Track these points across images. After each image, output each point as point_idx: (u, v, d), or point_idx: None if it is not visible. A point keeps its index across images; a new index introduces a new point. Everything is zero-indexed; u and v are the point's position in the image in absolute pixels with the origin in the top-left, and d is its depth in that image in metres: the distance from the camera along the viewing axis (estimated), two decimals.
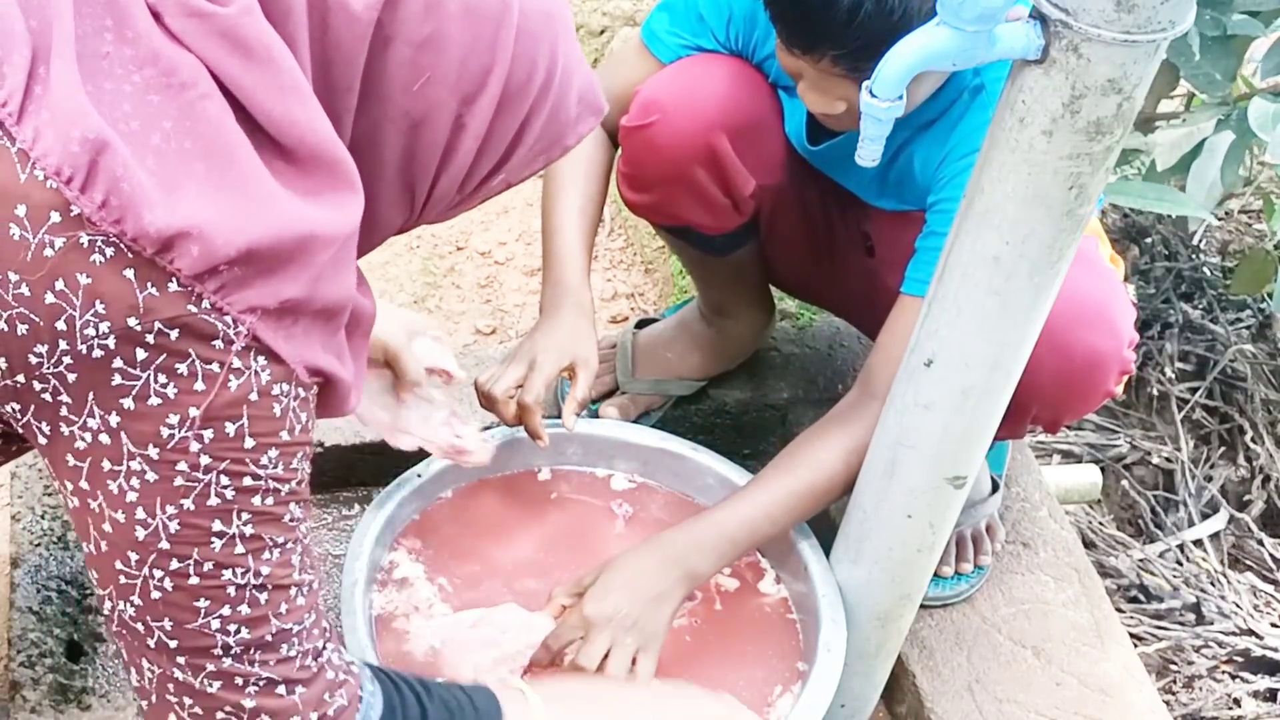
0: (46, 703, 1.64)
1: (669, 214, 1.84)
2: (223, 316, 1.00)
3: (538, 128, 1.15)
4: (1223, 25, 2.05)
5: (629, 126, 1.76)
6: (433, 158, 1.11)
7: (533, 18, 1.11)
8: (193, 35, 1.01)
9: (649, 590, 1.58)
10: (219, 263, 0.98)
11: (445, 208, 1.18)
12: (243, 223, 0.99)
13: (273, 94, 1.01)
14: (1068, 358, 1.57)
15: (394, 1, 1.05)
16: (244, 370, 1.02)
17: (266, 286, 1.00)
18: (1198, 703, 2.15)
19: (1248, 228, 2.88)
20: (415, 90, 1.07)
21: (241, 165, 1.00)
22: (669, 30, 1.79)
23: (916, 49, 1.19)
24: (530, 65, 1.11)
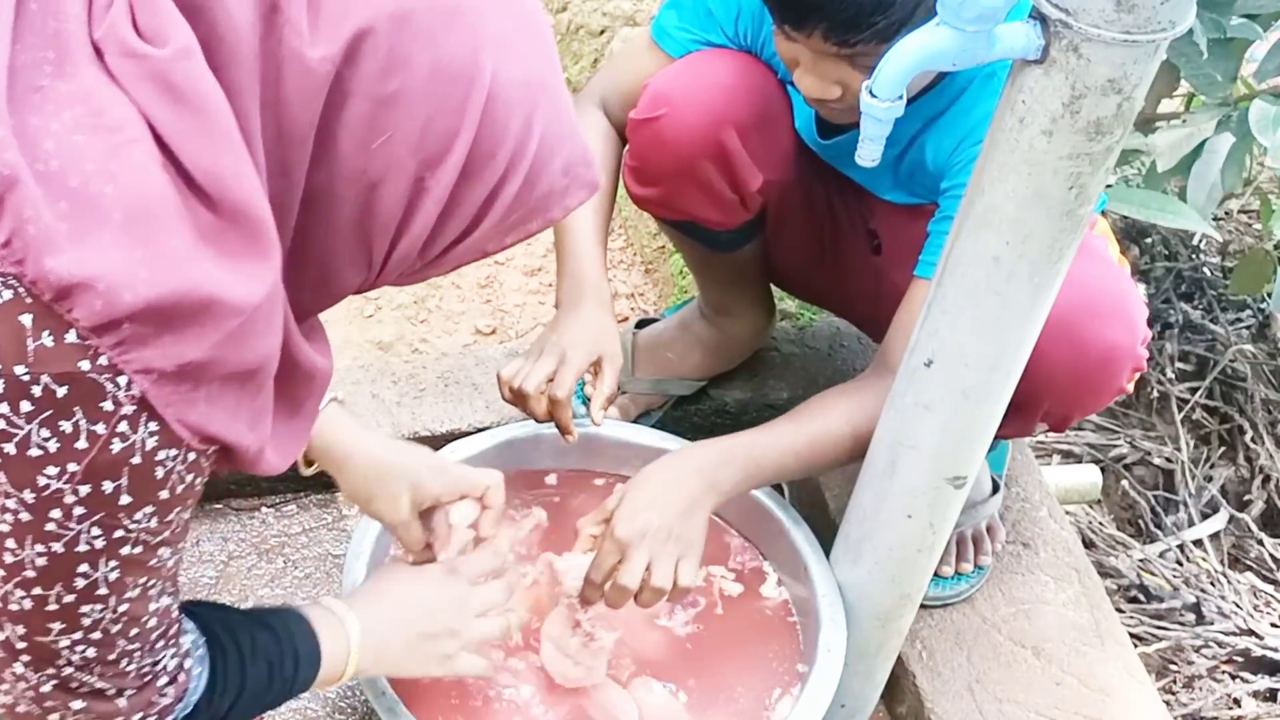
0: None
1: (675, 208, 1.84)
2: (116, 376, 0.97)
3: (508, 197, 1.10)
4: (1222, 27, 2.05)
5: (637, 119, 1.76)
6: (390, 219, 1.07)
7: (508, 85, 1.06)
8: (128, 77, 0.98)
9: (678, 502, 1.57)
10: (120, 317, 0.95)
11: (409, 272, 1.13)
12: (150, 277, 0.95)
13: (201, 143, 0.97)
14: (1083, 352, 1.57)
15: (354, 54, 1.00)
16: (129, 435, 0.99)
17: (166, 347, 0.97)
18: (1198, 703, 2.15)
19: (1247, 228, 2.88)
20: (374, 148, 1.03)
21: (159, 217, 0.96)
22: (678, 26, 1.79)
23: (916, 49, 1.19)
24: (501, 133, 1.06)
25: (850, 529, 1.64)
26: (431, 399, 2.01)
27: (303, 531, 1.93)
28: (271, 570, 1.88)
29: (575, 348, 1.69)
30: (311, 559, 1.90)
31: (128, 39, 0.98)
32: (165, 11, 0.98)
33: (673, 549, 1.55)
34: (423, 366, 2.07)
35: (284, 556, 1.90)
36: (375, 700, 1.50)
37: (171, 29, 0.98)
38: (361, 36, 1.00)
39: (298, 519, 1.94)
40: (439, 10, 1.03)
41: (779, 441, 1.64)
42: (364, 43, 1.01)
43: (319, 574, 1.87)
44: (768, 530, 1.76)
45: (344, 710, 1.74)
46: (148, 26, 0.98)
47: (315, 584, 1.87)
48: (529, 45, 1.09)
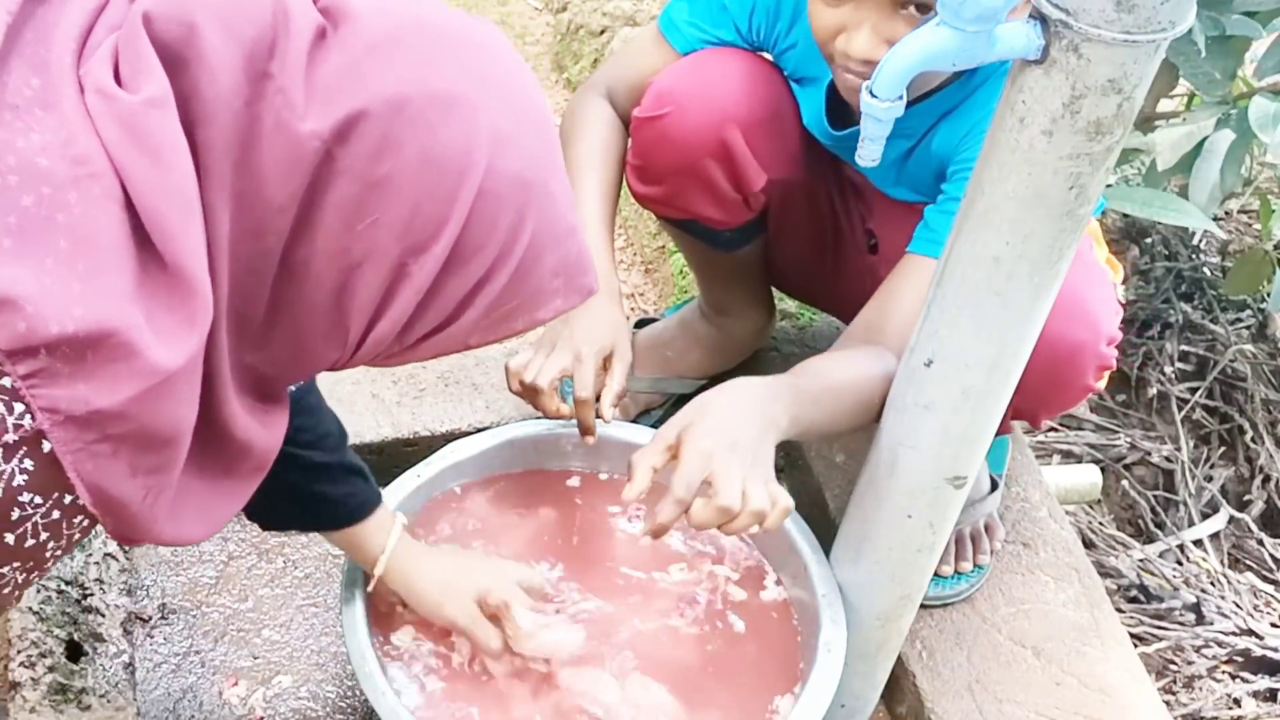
0: (46, 703, 1.64)
1: (678, 207, 1.84)
2: (12, 401, 0.93)
3: (492, 294, 1.09)
4: (1222, 25, 2.05)
5: (642, 117, 1.76)
6: (369, 302, 1.06)
7: (501, 181, 1.05)
8: (99, 115, 0.97)
9: (750, 427, 1.46)
10: (38, 344, 0.91)
11: (385, 355, 1.12)
12: (82, 313, 0.92)
13: (152, 191, 0.96)
14: (1049, 350, 1.56)
15: (346, 134, 1.00)
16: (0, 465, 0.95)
17: (80, 385, 0.93)
18: (1198, 703, 2.15)
19: (1247, 228, 2.88)
20: (359, 229, 1.02)
21: (105, 255, 0.94)
22: (688, 21, 1.79)
23: (917, 49, 1.19)
24: (489, 227, 1.06)
25: (850, 529, 1.64)
26: (431, 399, 2.01)
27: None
28: (271, 570, 1.88)
29: (589, 343, 1.68)
30: (311, 559, 1.90)
31: (103, 79, 0.98)
32: (146, 59, 0.98)
33: (760, 471, 1.43)
34: (423, 366, 2.06)
35: (284, 556, 1.90)
36: (375, 700, 1.50)
37: (148, 77, 0.97)
38: (356, 118, 1.00)
39: None
40: (437, 100, 1.03)
41: (814, 384, 1.57)
42: (358, 125, 1.00)
43: (319, 574, 1.87)
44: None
45: (344, 710, 1.74)
46: (127, 72, 0.98)
47: (315, 584, 1.87)
48: (528, 142, 1.08)
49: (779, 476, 2.01)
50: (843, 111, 1.74)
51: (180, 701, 1.73)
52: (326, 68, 1.01)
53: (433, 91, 1.03)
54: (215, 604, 1.83)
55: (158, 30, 0.99)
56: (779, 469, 2.04)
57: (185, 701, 1.73)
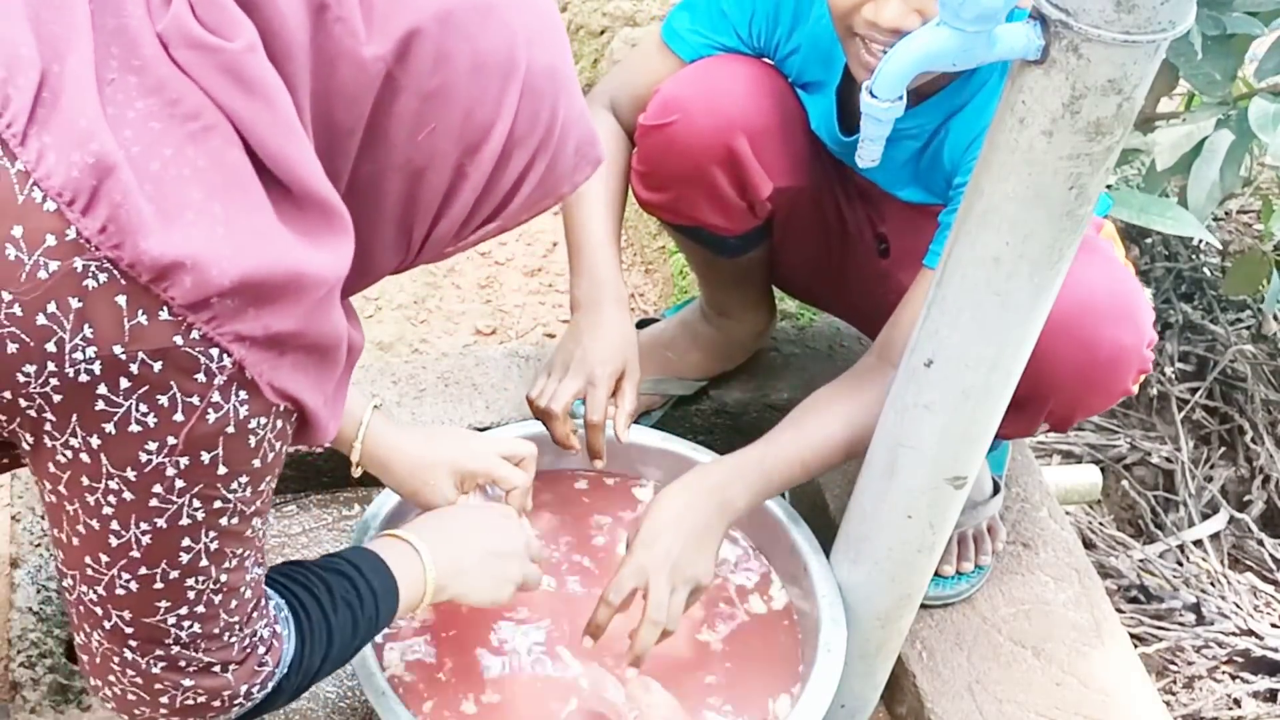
0: (46, 703, 1.64)
1: (683, 214, 1.84)
2: (209, 348, 1.01)
3: (535, 178, 1.17)
4: (1222, 25, 2.05)
5: (647, 125, 1.75)
6: (432, 205, 1.13)
7: (538, 75, 1.13)
8: (197, 67, 1.02)
9: (694, 526, 1.59)
10: (211, 294, 0.99)
11: (438, 251, 1.20)
12: (236, 256, 1.00)
13: (271, 131, 1.02)
14: (1090, 353, 1.57)
15: (405, 53, 1.06)
16: (223, 404, 1.04)
17: (257, 319, 1.02)
18: (1198, 703, 2.15)
19: (1247, 228, 2.88)
20: (420, 140, 1.09)
21: (238, 198, 1.01)
22: (690, 28, 1.79)
23: (917, 49, 1.19)
24: (532, 120, 1.14)
25: (850, 529, 1.64)
26: (431, 399, 2.01)
27: (303, 532, 1.93)
28: None
29: (603, 365, 1.71)
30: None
31: (195, 32, 1.03)
32: (228, 7, 1.03)
33: (686, 582, 1.58)
34: (423, 367, 2.07)
35: (284, 557, 1.90)
36: (375, 700, 1.50)
37: (237, 25, 1.02)
38: (412, 36, 1.06)
39: (298, 519, 1.94)
40: (476, 8, 1.09)
41: (784, 452, 1.65)
42: (414, 42, 1.06)
43: None
44: (768, 530, 1.76)
45: (344, 711, 1.74)
46: (211, 21, 1.03)
47: None
48: (550, 36, 1.16)
49: None
50: (853, 116, 1.74)
51: None
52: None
53: (471, 1, 1.09)
54: None
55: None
56: None
57: None
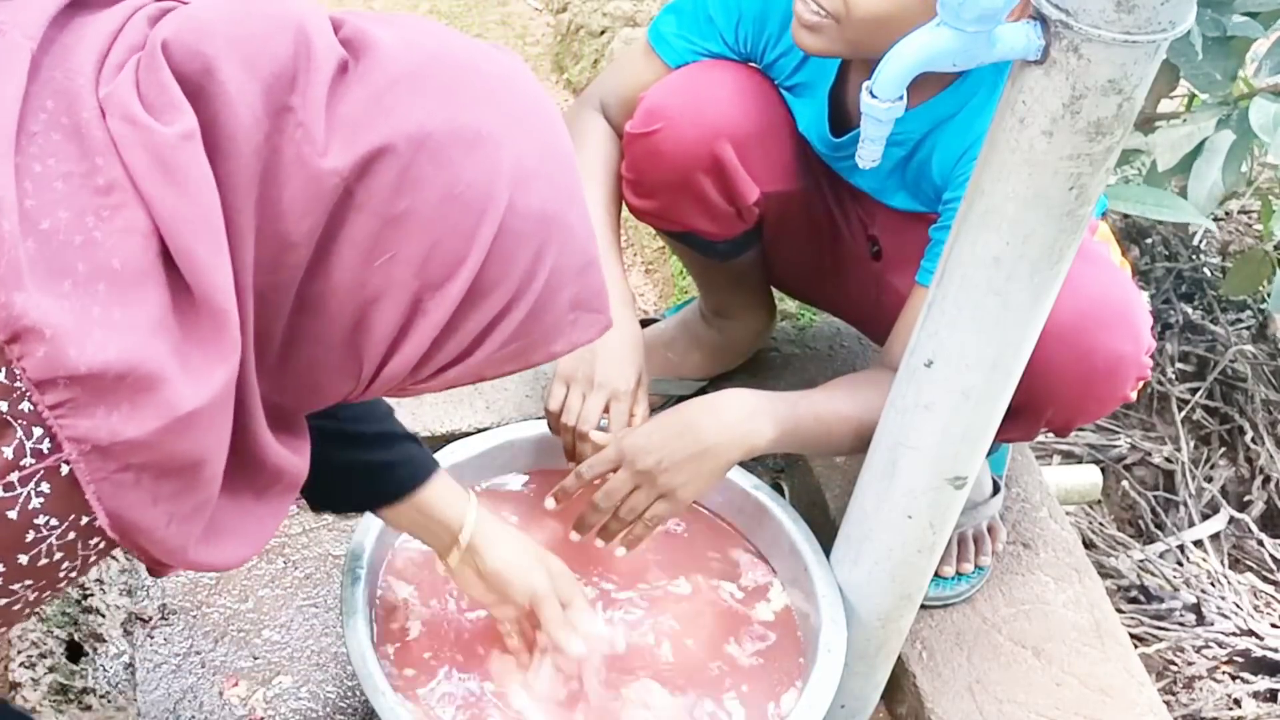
0: (46, 703, 1.64)
1: (672, 220, 1.84)
2: (33, 427, 0.92)
3: (509, 329, 1.08)
4: (1223, 26, 2.05)
5: (633, 133, 1.76)
6: (385, 337, 1.05)
7: (522, 218, 1.04)
8: (126, 143, 0.96)
9: (697, 442, 1.59)
10: (62, 375, 0.91)
11: (397, 388, 1.11)
12: (102, 344, 0.91)
13: (182, 224, 0.95)
14: (1089, 360, 1.58)
15: (368, 169, 0.99)
16: (15, 487, 0.94)
17: (105, 418, 0.92)
18: (1198, 703, 2.14)
19: (1248, 228, 2.88)
20: (376, 265, 1.01)
21: (125, 284, 0.93)
22: (676, 33, 1.79)
23: (917, 49, 1.19)
24: (508, 265, 1.05)
25: (850, 529, 1.64)
26: (431, 399, 2.01)
27: (303, 532, 1.93)
28: (272, 570, 1.88)
29: (624, 380, 1.71)
30: (311, 559, 1.90)
31: (131, 107, 0.96)
32: (169, 90, 0.96)
33: (656, 489, 1.58)
34: None
35: (284, 557, 1.90)
36: (375, 700, 1.50)
37: (176, 109, 0.96)
38: (378, 154, 0.99)
39: (298, 519, 1.94)
40: (461, 135, 1.01)
41: (816, 407, 1.64)
42: (380, 160, 0.99)
43: (319, 574, 1.87)
44: (768, 530, 1.76)
45: (344, 710, 1.74)
46: (152, 99, 0.97)
47: (315, 584, 1.87)
48: (550, 177, 1.07)
49: (779, 478, 2.03)
50: (842, 118, 1.74)
51: (180, 702, 1.72)
52: (348, 102, 0.99)
53: (456, 127, 1.01)
54: (215, 604, 1.83)
55: (176, 60, 0.97)
56: (780, 470, 2.04)
57: (185, 702, 1.73)
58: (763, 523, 1.76)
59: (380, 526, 1.64)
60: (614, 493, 1.60)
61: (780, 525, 1.74)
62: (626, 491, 1.59)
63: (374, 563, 1.64)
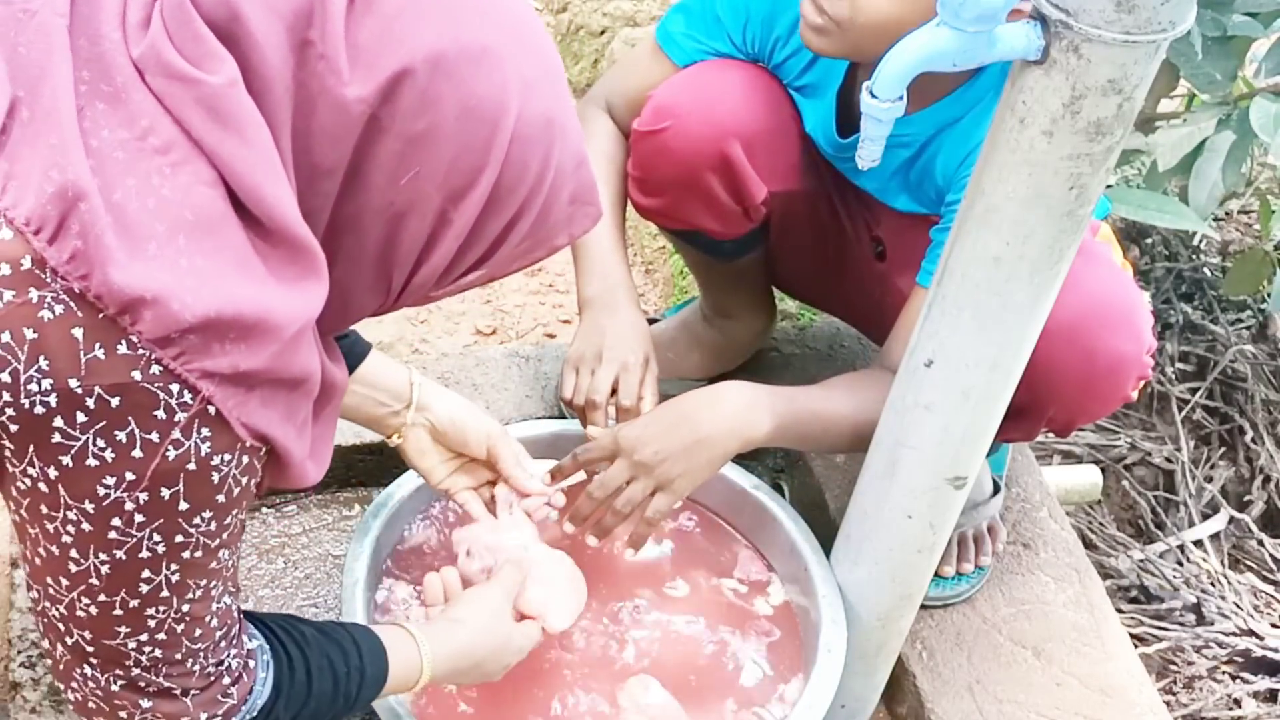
0: (46, 703, 1.64)
1: (679, 218, 1.84)
2: (170, 383, 0.99)
3: (524, 228, 1.14)
4: (1223, 26, 2.05)
5: (641, 130, 1.75)
6: (413, 250, 1.10)
7: (531, 123, 1.09)
8: (174, 99, 1.00)
9: (695, 433, 1.59)
10: (175, 330, 0.97)
11: (422, 296, 1.17)
12: (200, 292, 0.98)
13: (248, 168, 1.00)
14: (1090, 360, 1.58)
15: (390, 95, 1.03)
16: (184, 442, 1.02)
17: (223, 356, 1.00)
18: (1198, 703, 2.14)
19: (1248, 229, 2.88)
20: (402, 184, 1.06)
21: (205, 235, 0.99)
22: (685, 33, 1.79)
23: (917, 49, 1.19)
24: (522, 169, 1.10)
25: (850, 529, 1.64)
26: None
27: (303, 532, 1.93)
28: (271, 570, 1.88)
29: (633, 352, 1.73)
30: (311, 559, 1.90)
31: (174, 62, 1.00)
32: (206, 40, 1.00)
33: (654, 479, 1.57)
34: (423, 367, 2.06)
35: (284, 557, 1.90)
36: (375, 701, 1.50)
37: (216, 58, 1.00)
38: (399, 78, 1.03)
39: (298, 519, 1.94)
40: (469, 53, 1.06)
41: (813, 403, 1.65)
42: (401, 84, 1.03)
43: (319, 574, 1.87)
44: (768, 530, 1.76)
45: None
46: (190, 52, 1.00)
47: (315, 584, 1.87)
48: (547, 83, 1.12)
49: (779, 478, 2.03)
50: (850, 119, 1.74)
51: None
52: (362, 31, 1.03)
53: (464, 45, 1.06)
54: None
55: (204, 9, 1.01)
56: (780, 470, 2.04)
57: None
58: (763, 523, 1.76)
59: (380, 528, 1.64)
60: (609, 482, 1.59)
61: (780, 525, 1.74)
62: (622, 482, 1.59)
63: (374, 563, 1.64)
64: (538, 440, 1.79)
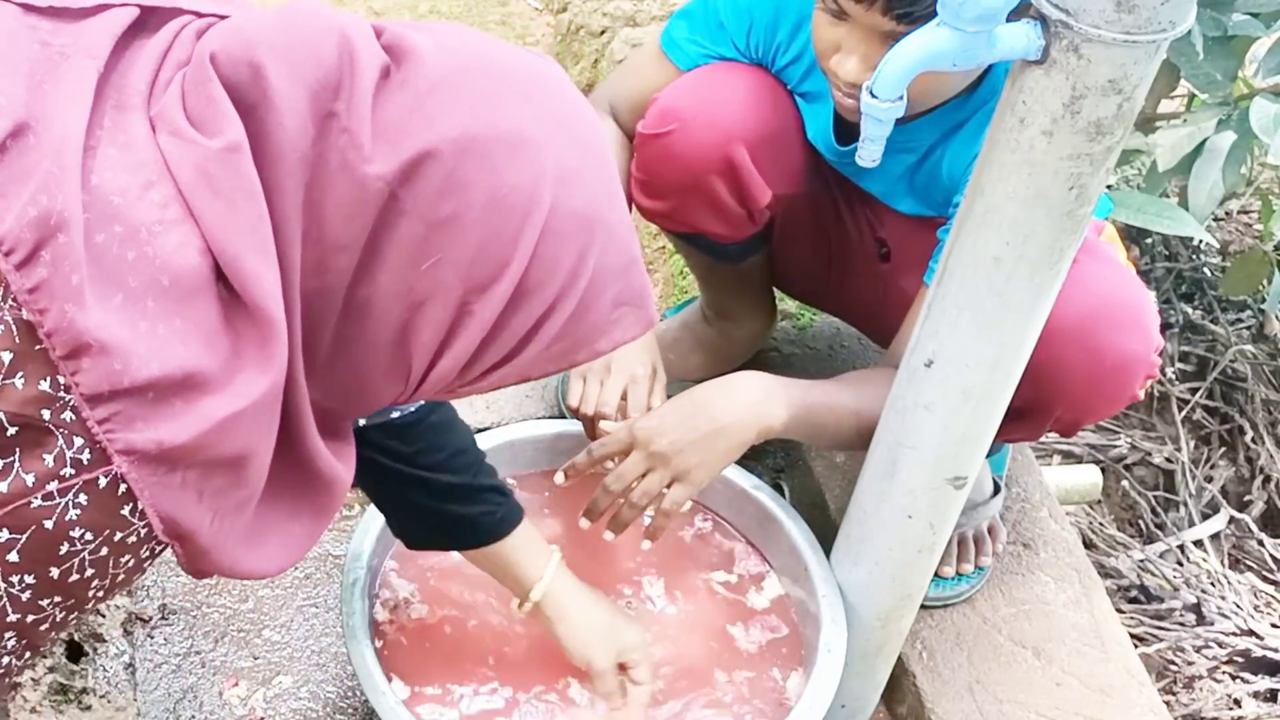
0: (46, 703, 1.64)
1: (682, 222, 1.84)
2: (77, 435, 0.94)
3: (554, 329, 1.09)
4: (1223, 26, 2.05)
5: (645, 134, 1.75)
6: (432, 340, 1.06)
7: (565, 219, 1.05)
8: (174, 158, 0.98)
9: (711, 422, 1.59)
10: (111, 389, 0.93)
11: (445, 389, 1.12)
12: (149, 359, 0.94)
13: (229, 235, 0.97)
14: (1099, 360, 1.57)
15: (412, 175, 1.00)
16: (54, 498, 0.95)
17: (150, 429, 0.94)
18: (1198, 703, 2.14)
19: (1248, 228, 2.88)
20: (423, 269, 1.02)
21: (176, 300, 0.95)
22: (688, 38, 1.78)
23: (917, 49, 1.19)
24: (552, 266, 1.05)
25: (850, 529, 1.64)
26: None
27: None
28: None
29: (642, 364, 1.74)
30: (312, 559, 1.89)
31: (178, 122, 0.98)
32: (218, 103, 0.98)
33: (670, 470, 1.58)
34: None
35: None
36: (375, 700, 1.50)
37: (221, 121, 0.98)
38: (423, 159, 1.00)
39: None
40: (504, 139, 1.02)
41: (828, 396, 1.64)
42: (425, 165, 1.00)
43: (319, 574, 1.87)
44: (768, 530, 1.76)
45: (344, 710, 1.74)
46: (198, 114, 0.99)
47: (315, 584, 1.87)
48: (590, 178, 1.08)
49: (779, 478, 2.03)
50: (848, 127, 1.74)
51: (180, 702, 1.72)
52: (391, 107, 1.01)
53: (498, 131, 1.02)
54: (215, 604, 1.83)
55: (224, 72, 0.99)
56: (780, 470, 2.04)
57: (185, 702, 1.73)
58: (763, 523, 1.77)
59: (380, 527, 1.64)
60: (626, 475, 1.60)
61: (780, 525, 1.74)
62: (639, 474, 1.59)
63: (374, 563, 1.64)
64: (538, 440, 1.79)
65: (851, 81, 1.54)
